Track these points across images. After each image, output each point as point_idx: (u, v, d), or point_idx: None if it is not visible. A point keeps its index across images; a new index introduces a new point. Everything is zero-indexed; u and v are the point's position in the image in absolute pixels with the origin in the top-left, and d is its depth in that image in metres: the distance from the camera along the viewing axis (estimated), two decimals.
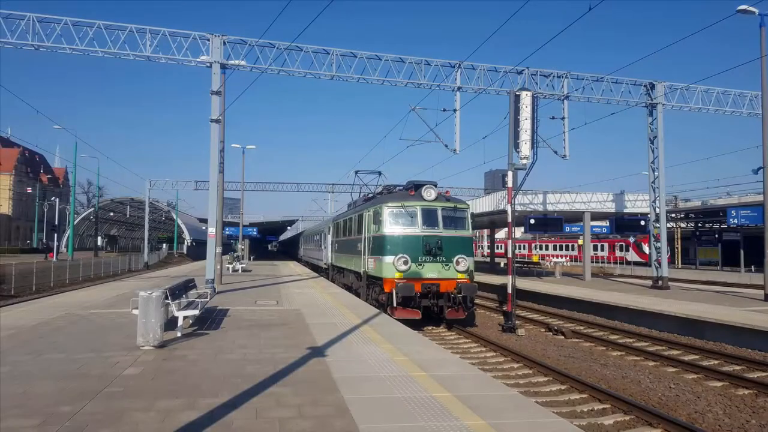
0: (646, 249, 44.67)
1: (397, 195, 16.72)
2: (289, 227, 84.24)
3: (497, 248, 48.04)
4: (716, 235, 44.73)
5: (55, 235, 58.95)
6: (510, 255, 16.56)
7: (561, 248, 65.72)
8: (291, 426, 5.09)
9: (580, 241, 46.38)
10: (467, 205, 16.64)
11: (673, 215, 43.33)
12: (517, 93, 16.25)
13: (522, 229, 32.54)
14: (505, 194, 18.43)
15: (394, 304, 14.59)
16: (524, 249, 70.34)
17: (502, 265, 37.67)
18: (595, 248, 56.41)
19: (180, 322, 9.61)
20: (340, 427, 5.07)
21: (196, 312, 10.26)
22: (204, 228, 36.24)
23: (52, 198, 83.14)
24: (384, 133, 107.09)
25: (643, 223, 27.42)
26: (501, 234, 50.75)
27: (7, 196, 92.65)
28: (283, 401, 5.83)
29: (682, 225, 48.99)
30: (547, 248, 68.75)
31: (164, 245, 70.83)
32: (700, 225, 48.55)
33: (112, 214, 78.47)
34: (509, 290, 15.96)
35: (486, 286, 24.66)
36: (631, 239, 52.27)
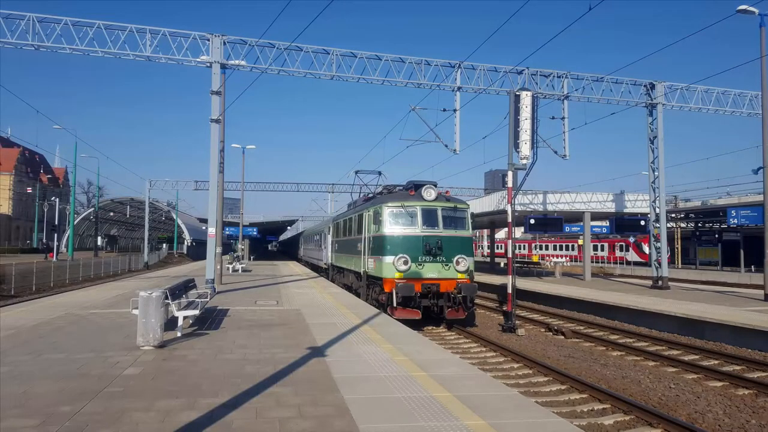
0: (646, 249, 44.67)
1: (397, 195, 16.71)
2: (289, 227, 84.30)
3: (497, 248, 48.03)
4: (716, 235, 44.72)
5: (55, 235, 58.85)
6: (510, 255, 16.55)
7: (561, 248, 65.71)
8: (291, 426, 5.09)
9: (580, 241, 46.37)
10: (467, 205, 16.64)
11: (673, 215, 43.33)
12: (517, 93, 16.24)
13: (522, 229, 32.54)
14: (505, 194, 18.43)
15: (394, 304, 14.59)
16: (524, 249, 70.33)
17: (502, 265, 37.68)
18: (595, 248, 56.41)
19: (180, 322, 9.61)
20: (340, 427, 5.07)
21: (196, 312, 10.26)
22: (204, 228, 36.26)
23: (52, 198, 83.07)
24: (384, 133, 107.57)
25: (643, 223, 27.42)
26: (501, 234, 50.77)
27: (7, 196, 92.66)
28: (283, 401, 5.83)
29: (682, 225, 48.99)
30: (547, 248, 68.73)
31: (164, 245, 70.72)
32: (700, 225, 48.54)
33: (112, 214, 78.45)
34: (509, 290, 15.96)
35: (486, 286, 24.66)
36: (631, 239, 52.26)
